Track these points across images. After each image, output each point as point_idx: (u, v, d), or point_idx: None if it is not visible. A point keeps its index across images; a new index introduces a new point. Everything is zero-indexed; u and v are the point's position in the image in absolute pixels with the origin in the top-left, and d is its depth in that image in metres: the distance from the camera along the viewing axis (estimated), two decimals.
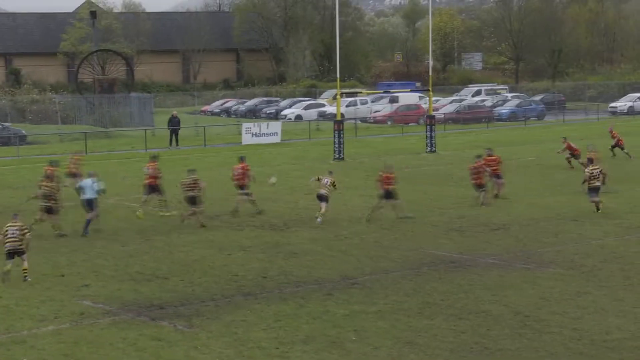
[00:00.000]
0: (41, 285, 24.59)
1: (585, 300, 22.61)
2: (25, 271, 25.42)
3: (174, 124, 64.16)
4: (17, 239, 25.58)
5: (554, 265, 26.45)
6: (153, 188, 35.64)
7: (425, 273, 25.64)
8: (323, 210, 33.64)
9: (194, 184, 33.52)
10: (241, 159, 37.00)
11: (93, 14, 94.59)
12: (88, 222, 32.27)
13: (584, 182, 35.94)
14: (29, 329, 20.60)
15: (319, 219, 33.43)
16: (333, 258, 27.62)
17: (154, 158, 36.75)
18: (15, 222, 25.98)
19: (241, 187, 35.94)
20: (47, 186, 31.59)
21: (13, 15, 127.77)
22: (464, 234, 31.04)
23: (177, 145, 62.39)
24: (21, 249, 25.64)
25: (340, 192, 40.14)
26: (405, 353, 18.84)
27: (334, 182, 34.23)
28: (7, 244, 25.61)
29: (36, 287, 24.39)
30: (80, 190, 33.64)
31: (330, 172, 35.40)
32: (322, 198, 33.88)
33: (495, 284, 24.31)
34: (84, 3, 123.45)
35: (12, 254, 25.54)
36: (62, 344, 19.54)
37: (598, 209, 35.01)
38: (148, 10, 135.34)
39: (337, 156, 53.99)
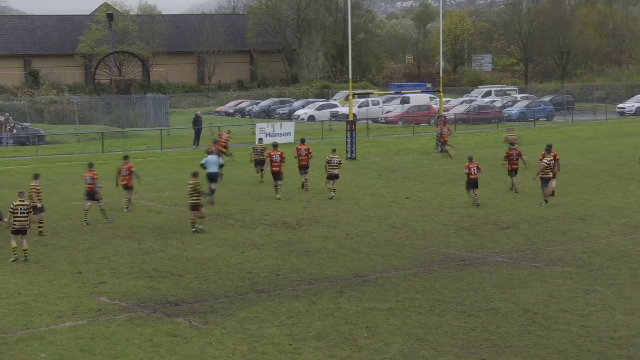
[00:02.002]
0: (59, 282, 24.68)
1: (593, 298, 22.59)
2: (25, 251, 27.06)
3: (197, 124, 64.18)
4: (25, 218, 27.02)
5: (562, 263, 26.43)
6: (277, 175, 38.85)
7: (435, 271, 25.64)
8: (335, 185, 38.53)
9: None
10: (302, 141, 41.30)
11: (110, 17, 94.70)
12: (213, 191, 37.38)
13: (537, 174, 36.79)
14: (47, 325, 20.67)
15: (332, 194, 38.13)
16: (345, 256, 27.64)
17: (276, 146, 40.27)
18: (22, 201, 27.22)
19: (305, 167, 40.33)
20: (190, 183, 31.49)
21: (31, 18, 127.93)
22: (473, 233, 31.02)
23: (197, 144, 62.33)
24: (27, 228, 27.14)
25: (352, 191, 40.21)
26: (416, 349, 18.85)
27: (340, 161, 39.03)
28: (16, 223, 26.89)
29: (54, 284, 24.48)
30: (205, 165, 38.11)
31: (334, 150, 39.49)
32: (334, 177, 38.49)
33: (504, 281, 24.30)
34: (100, 5, 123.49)
35: (18, 231, 26.99)
36: (80, 339, 19.61)
37: (546, 202, 36.14)
38: (163, 12, 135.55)
39: (349, 156, 53.97)
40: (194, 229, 31.36)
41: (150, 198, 38.10)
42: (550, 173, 36.62)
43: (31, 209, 27.43)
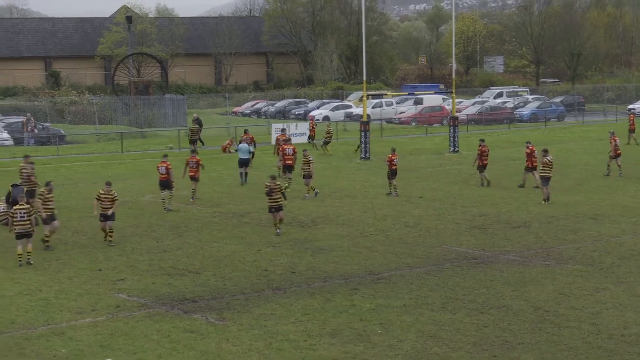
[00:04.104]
0: (79, 279, 24.72)
1: (603, 296, 22.51)
2: (29, 253, 26.41)
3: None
4: (27, 222, 26.31)
5: (573, 261, 26.33)
6: (289, 168, 41.02)
7: (448, 269, 25.59)
8: (311, 184, 38.65)
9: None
10: (288, 141, 44.13)
11: (129, 19, 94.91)
12: (246, 174, 42.84)
13: (538, 169, 37.81)
14: (68, 321, 20.71)
15: (316, 192, 38.44)
16: (359, 254, 27.60)
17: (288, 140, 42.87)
18: (22, 205, 26.57)
19: (291, 167, 40.92)
20: (267, 185, 30.68)
21: (53, 20, 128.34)
22: (485, 232, 30.94)
23: (202, 145, 61.43)
24: (30, 231, 26.43)
25: (366, 190, 40.20)
26: (429, 346, 18.80)
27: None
28: (17, 227, 26.29)
29: (74, 281, 24.53)
30: (238, 151, 44.40)
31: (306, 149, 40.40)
32: (310, 176, 38.68)
33: (515, 279, 24.23)
34: (120, 8, 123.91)
35: (22, 236, 26.32)
36: (99, 335, 19.63)
37: (548, 199, 36.30)
38: (181, 15, 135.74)
39: (363, 156, 53.91)
40: (277, 231, 30.61)
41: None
42: (550, 172, 36.65)
43: (32, 213, 26.71)
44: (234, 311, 21.39)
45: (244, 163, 43.27)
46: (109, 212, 29.15)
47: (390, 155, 39.10)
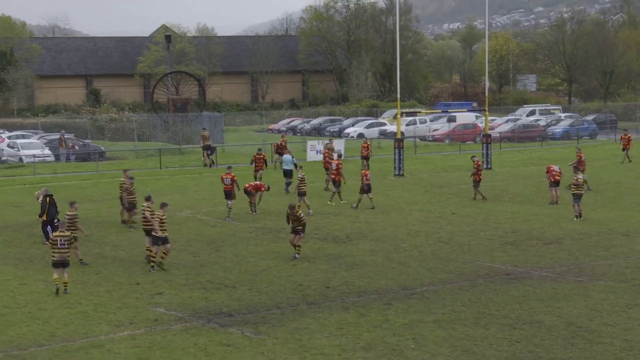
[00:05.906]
0: (117, 293, 24.83)
1: (636, 312, 22.30)
2: (65, 284, 24.90)
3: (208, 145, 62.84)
4: (67, 250, 24.93)
5: (605, 278, 26.12)
6: (335, 183, 41.87)
7: (481, 284, 25.46)
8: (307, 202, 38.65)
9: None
10: (339, 156, 47.02)
11: (168, 38, 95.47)
12: (289, 184, 44.95)
13: (569, 187, 37.63)
14: (106, 334, 20.80)
15: (310, 211, 37.86)
16: (393, 269, 27.54)
17: (340, 156, 43.16)
18: (63, 233, 25.18)
19: (335, 182, 41.65)
20: (290, 213, 29.48)
21: (94, 39, 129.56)
22: (518, 248, 30.77)
23: (211, 165, 60.30)
24: (68, 260, 24.99)
25: (400, 206, 40.11)
26: None
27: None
28: (55, 255, 24.84)
29: (113, 295, 24.63)
30: (282, 162, 47.21)
31: (301, 167, 40.92)
32: (304, 194, 38.72)
33: (548, 295, 24.07)
34: (159, 28, 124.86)
35: (59, 264, 24.87)
36: (137, 348, 19.70)
37: (580, 216, 36.13)
38: (219, 34, 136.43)
39: (397, 172, 53.84)
40: (296, 255, 29.31)
41: (206, 212, 38.27)
42: (583, 190, 36.65)
43: (72, 240, 25.53)
44: (269, 325, 21.39)
45: (287, 174, 45.61)
46: (164, 234, 27.60)
47: (363, 171, 40.64)
